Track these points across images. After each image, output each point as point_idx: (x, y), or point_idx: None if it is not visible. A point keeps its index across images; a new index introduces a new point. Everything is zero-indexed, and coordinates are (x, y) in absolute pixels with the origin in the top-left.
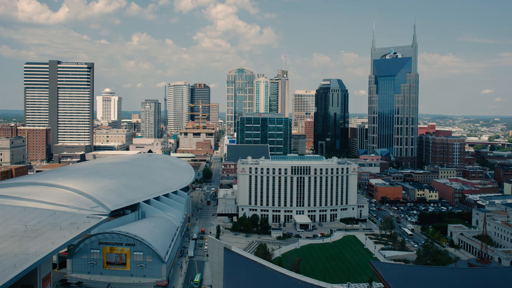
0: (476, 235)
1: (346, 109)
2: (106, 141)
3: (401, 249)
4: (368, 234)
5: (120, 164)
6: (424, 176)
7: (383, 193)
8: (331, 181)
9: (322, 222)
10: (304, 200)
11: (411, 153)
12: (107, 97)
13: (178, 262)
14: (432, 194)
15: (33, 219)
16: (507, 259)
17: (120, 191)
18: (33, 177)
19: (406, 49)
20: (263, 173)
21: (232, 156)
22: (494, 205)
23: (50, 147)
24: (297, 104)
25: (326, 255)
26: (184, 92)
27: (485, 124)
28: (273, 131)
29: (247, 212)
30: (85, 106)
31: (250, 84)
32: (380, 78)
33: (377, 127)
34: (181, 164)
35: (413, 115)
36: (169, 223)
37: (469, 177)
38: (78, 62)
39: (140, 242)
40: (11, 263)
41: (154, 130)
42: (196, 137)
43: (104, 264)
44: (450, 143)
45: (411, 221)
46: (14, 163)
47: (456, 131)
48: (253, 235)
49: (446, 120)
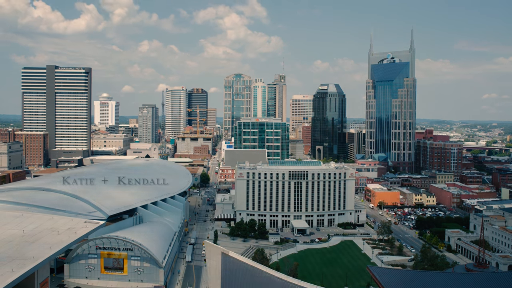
0: (473, 240)
1: (344, 114)
2: (104, 146)
3: (399, 254)
4: (366, 239)
5: (118, 169)
6: (422, 181)
7: (381, 198)
8: (329, 186)
9: (320, 227)
10: (301, 205)
11: (408, 158)
12: (104, 102)
13: (176, 267)
14: (430, 199)
15: (31, 224)
16: (504, 264)
17: (117, 196)
18: (30, 182)
19: (403, 54)
20: (260, 178)
21: (230, 161)
22: (492, 210)
23: (48, 152)
24: (294, 109)
25: (323, 260)
26: (182, 97)
27: (482, 129)
28: (270, 136)
29: (245, 217)
30: (82, 111)
31: (248, 89)
32: (377, 83)
33: (374, 132)
34: (179, 169)
35: (410, 120)
36: (167, 228)
37: (467, 182)
38: (75, 67)
39: (137, 247)
40: (9, 268)
41: (152, 135)
42: (194, 142)
43: (102, 269)
44: (447, 148)
45: (409, 226)
46: (11, 168)
47: (453, 136)
48: (250, 240)
49: (444, 125)
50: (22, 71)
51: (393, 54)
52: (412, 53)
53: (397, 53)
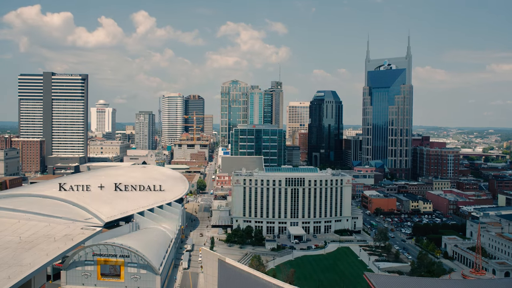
0: (470, 246)
1: (341, 120)
2: (100, 152)
3: (396, 260)
4: (362, 246)
5: (114, 176)
6: (418, 188)
7: (377, 204)
8: (325, 193)
9: (317, 234)
10: (298, 211)
11: (405, 165)
12: (101, 109)
13: (173, 274)
14: (426, 206)
15: (27, 230)
16: (501, 271)
17: (114, 202)
18: (27, 188)
19: (400, 60)
20: (257, 184)
21: (226, 167)
22: (488, 217)
23: (44, 159)
24: (291, 115)
25: (320, 266)
26: (178, 103)
27: (479, 136)
28: (267, 142)
29: (242, 223)
30: (79, 117)
31: (245, 96)
32: (374, 89)
33: (371, 139)
34: (175, 176)
35: (407, 126)
36: (163, 235)
37: (463, 189)
38: (72, 74)
39: (134, 253)
40: (6, 275)
41: (148, 141)
42: (190, 148)
43: (98, 276)
44: (444, 154)
45: (405, 232)
46: (8, 174)
47: (450, 142)
48: (247, 246)
49: (441, 131)
50: (19, 78)
51: (389, 60)
52: (409, 60)
53: (393, 60)
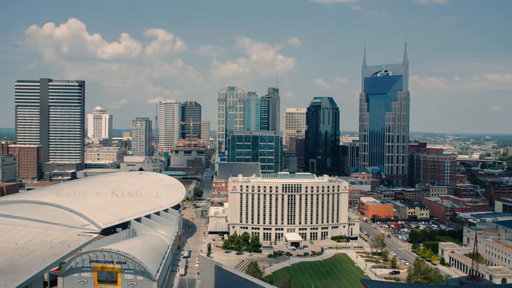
0: (467, 253)
1: (337, 127)
2: (97, 159)
3: (392, 267)
4: (359, 252)
5: (111, 182)
6: (415, 194)
7: (374, 211)
8: (322, 199)
9: (313, 240)
10: (295, 218)
11: (402, 171)
12: (98, 115)
13: (169, 280)
14: (423, 212)
15: (24, 237)
16: (498, 277)
17: (111, 209)
18: (24, 195)
19: (397, 67)
20: (254, 191)
21: (223, 174)
22: (485, 223)
23: (41, 165)
24: (288, 122)
25: (317, 273)
26: (175, 110)
27: (476, 142)
28: (264, 149)
29: (238, 230)
30: (76, 124)
31: (241, 102)
32: (371, 96)
33: (368, 145)
34: (172, 182)
35: (404, 133)
36: (160, 241)
37: (460, 195)
38: (69, 80)
39: (131, 260)
40: (2, 281)
41: (145, 148)
42: (187, 155)
43: (95, 282)
44: (441, 161)
45: (402, 239)
46: (5, 181)
47: (447, 149)
48: (244, 253)
49: (437, 138)
50: (16, 84)
51: (386, 67)
52: (406, 66)
53: (390, 66)
